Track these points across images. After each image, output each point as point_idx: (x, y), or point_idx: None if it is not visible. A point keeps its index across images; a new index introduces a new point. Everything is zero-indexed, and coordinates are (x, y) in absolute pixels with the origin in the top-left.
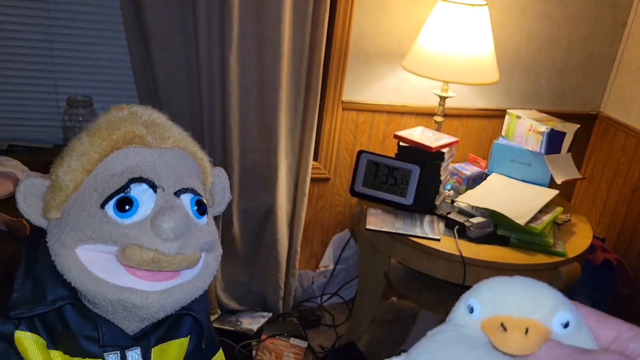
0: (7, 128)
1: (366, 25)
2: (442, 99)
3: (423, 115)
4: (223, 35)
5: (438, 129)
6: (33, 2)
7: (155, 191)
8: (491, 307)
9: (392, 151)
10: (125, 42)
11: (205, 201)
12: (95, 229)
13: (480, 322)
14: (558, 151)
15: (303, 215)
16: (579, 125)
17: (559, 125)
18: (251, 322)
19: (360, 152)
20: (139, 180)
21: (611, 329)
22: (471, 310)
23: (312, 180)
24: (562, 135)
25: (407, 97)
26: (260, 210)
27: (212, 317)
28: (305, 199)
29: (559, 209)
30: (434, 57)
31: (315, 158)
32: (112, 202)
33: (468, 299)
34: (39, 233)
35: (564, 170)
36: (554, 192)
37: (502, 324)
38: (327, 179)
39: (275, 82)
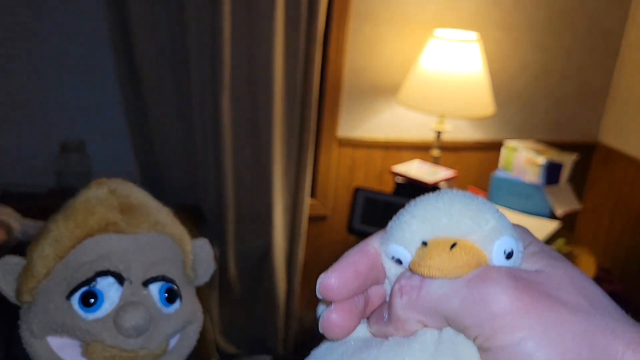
0: (0, 174)
1: (359, 62)
2: (439, 132)
3: (420, 149)
4: (215, 77)
5: (436, 163)
6: (26, 47)
7: (122, 284)
8: (419, 239)
9: (390, 186)
10: (118, 86)
11: (177, 289)
12: (60, 323)
13: None
14: (557, 182)
15: (301, 255)
16: (575, 156)
17: (556, 156)
18: None
19: (357, 190)
20: (106, 273)
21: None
22: (398, 262)
23: (310, 218)
24: (560, 166)
25: (403, 131)
26: (256, 251)
27: None
28: (303, 239)
29: (561, 241)
30: (428, 91)
31: (313, 195)
32: (77, 295)
33: (387, 247)
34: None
35: (563, 201)
36: (555, 224)
37: (423, 242)
38: (325, 217)
39: (268, 121)
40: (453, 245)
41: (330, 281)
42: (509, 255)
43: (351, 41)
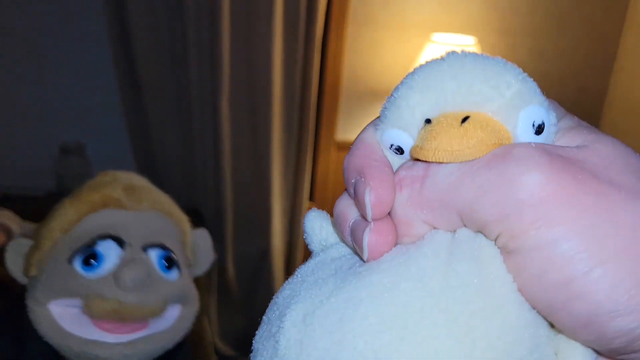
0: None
1: (358, 66)
2: None
3: None
4: (214, 80)
5: None
6: (25, 49)
7: (122, 247)
8: (420, 116)
9: None
10: (117, 88)
11: (175, 257)
12: (62, 285)
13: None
14: None
15: (300, 258)
16: None
17: None
18: None
19: None
20: (107, 237)
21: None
22: (399, 150)
23: None
24: None
25: None
26: (255, 254)
27: None
28: (302, 242)
29: None
30: None
31: (312, 199)
32: (79, 257)
33: (382, 134)
34: (25, 290)
35: None
36: None
37: (426, 119)
38: None
39: (267, 124)
40: (465, 120)
41: (386, 195)
42: (539, 129)
43: (349, 45)
